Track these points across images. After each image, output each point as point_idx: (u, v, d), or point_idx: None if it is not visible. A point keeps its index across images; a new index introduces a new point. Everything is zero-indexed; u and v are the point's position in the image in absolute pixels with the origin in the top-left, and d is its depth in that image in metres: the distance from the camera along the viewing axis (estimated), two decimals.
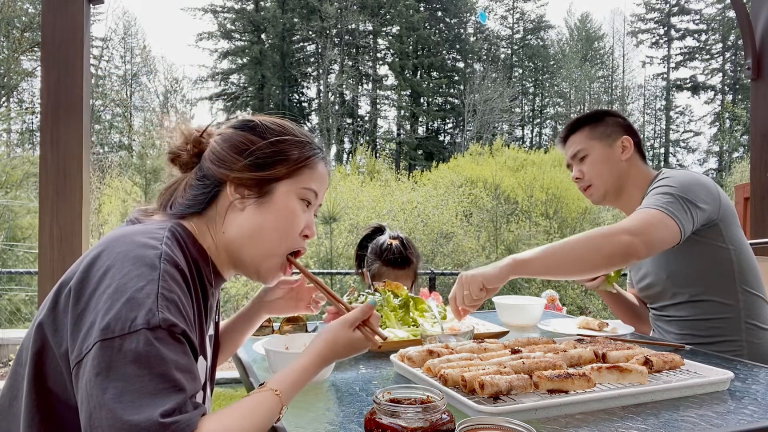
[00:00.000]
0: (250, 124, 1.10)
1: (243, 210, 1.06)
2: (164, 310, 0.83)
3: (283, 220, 1.07)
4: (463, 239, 9.80)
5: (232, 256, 1.09)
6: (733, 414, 1.00)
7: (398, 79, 37.88)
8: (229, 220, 1.06)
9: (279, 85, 36.43)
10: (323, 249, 8.40)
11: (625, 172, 1.81)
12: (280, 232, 1.07)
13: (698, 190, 1.60)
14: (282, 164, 1.07)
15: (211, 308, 1.10)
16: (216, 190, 1.07)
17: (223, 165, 1.06)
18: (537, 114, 42.20)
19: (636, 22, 40.98)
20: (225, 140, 1.08)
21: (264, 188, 1.06)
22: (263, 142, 1.07)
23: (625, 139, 1.81)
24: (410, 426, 0.75)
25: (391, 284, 1.78)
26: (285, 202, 1.07)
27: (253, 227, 1.06)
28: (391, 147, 37.53)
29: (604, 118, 1.86)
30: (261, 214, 1.06)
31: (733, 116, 26.22)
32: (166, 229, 0.98)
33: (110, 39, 33.56)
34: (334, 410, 1.05)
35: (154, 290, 0.84)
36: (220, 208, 1.07)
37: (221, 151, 1.07)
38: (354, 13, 36.12)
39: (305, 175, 1.09)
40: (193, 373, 0.84)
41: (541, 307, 1.85)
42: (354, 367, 1.33)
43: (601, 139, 1.82)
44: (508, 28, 42.35)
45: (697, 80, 38.65)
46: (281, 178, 1.07)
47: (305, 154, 1.10)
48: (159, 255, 0.89)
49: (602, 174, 1.82)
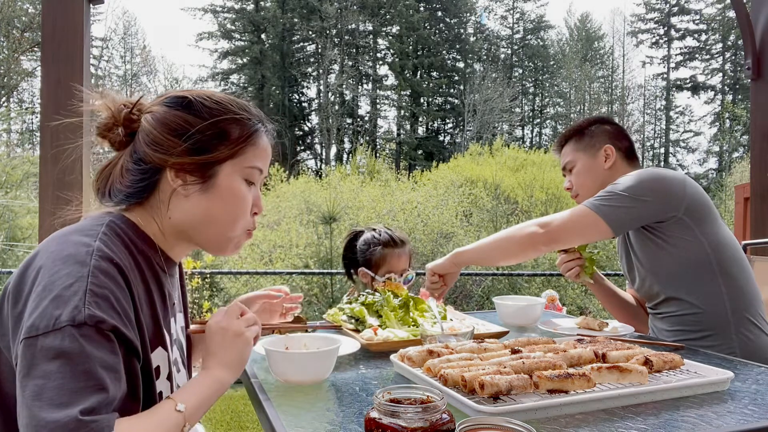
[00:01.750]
0: (184, 102, 1.02)
1: (187, 197, 1.01)
2: (92, 306, 0.80)
3: (232, 204, 1.04)
4: (463, 239, 9.79)
5: (184, 238, 1.06)
6: (733, 414, 1.00)
7: (398, 79, 37.87)
8: (173, 206, 1.02)
9: (279, 85, 36.42)
10: (323, 249, 8.40)
11: (608, 179, 1.86)
12: (231, 215, 1.04)
13: (645, 185, 1.67)
14: (223, 145, 1.01)
15: (170, 295, 1.07)
16: (155, 176, 1.01)
17: (160, 149, 0.99)
18: (537, 114, 42.19)
19: (636, 22, 40.97)
20: (159, 121, 1.01)
21: (207, 172, 1.01)
22: (202, 122, 1.00)
23: (607, 147, 1.89)
24: (410, 426, 0.75)
25: (391, 284, 1.78)
26: (230, 184, 1.03)
27: (202, 213, 1.02)
28: (391, 147, 37.53)
29: (590, 128, 1.95)
30: (207, 200, 1.02)
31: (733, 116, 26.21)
32: (103, 225, 0.95)
33: (110, 39, 33.57)
34: (334, 410, 1.05)
35: (83, 287, 0.81)
36: (163, 194, 1.02)
37: (157, 134, 1.00)
38: (354, 13, 36.11)
39: (248, 153, 1.05)
40: (119, 372, 0.81)
41: (541, 307, 1.85)
42: (354, 367, 1.33)
43: (585, 150, 1.93)
44: (508, 28, 42.35)
45: (697, 80, 38.64)
46: (224, 160, 1.02)
47: (246, 131, 1.04)
48: (90, 252, 0.86)
49: (586, 184, 1.92)
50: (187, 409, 0.88)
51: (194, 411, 0.90)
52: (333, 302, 7.14)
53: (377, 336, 1.49)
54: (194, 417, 0.90)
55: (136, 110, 1.03)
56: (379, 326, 1.57)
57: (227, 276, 7.82)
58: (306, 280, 7.86)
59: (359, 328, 1.59)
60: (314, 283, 7.86)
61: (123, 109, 1.03)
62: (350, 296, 1.82)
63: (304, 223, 9.26)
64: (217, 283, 7.64)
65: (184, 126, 1.00)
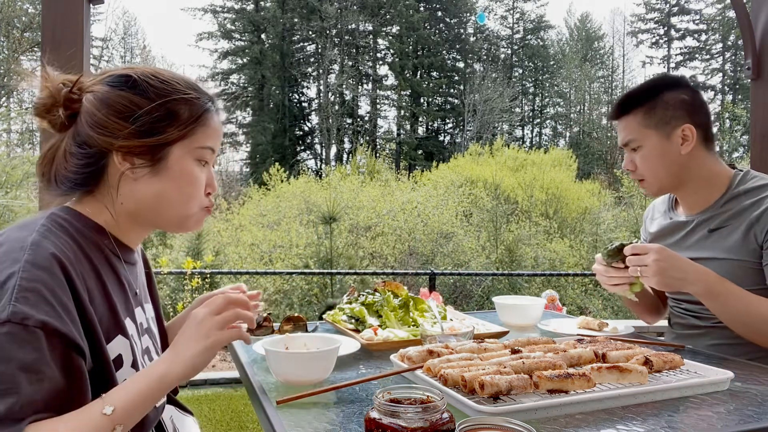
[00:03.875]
0: (129, 82, 0.97)
1: (137, 180, 0.98)
2: (19, 302, 0.77)
3: (185, 185, 1.01)
4: (463, 239, 9.80)
5: (139, 222, 1.03)
6: (733, 414, 1.00)
7: (398, 79, 37.87)
8: (123, 191, 0.98)
9: (279, 85, 36.42)
10: (323, 249, 8.40)
11: (684, 167, 1.57)
12: (184, 196, 1.02)
13: None
14: (173, 126, 0.98)
15: (130, 284, 1.05)
16: (102, 160, 0.97)
17: (105, 132, 0.95)
18: (537, 114, 42.19)
19: (636, 22, 40.99)
20: (103, 102, 0.96)
21: (156, 155, 0.98)
22: (149, 103, 0.96)
23: (687, 127, 1.53)
24: (410, 426, 0.75)
25: (391, 284, 1.78)
26: (181, 166, 1.00)
27: (153, 196, 0.99)
28: (391, 147, 37.53)
29: (663, 97, 1.55)
30: (158, 182, 0.99)
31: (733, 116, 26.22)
32: (45, 218, 0.92)
33: (110, 39, 33.59)
34: (334, 410, 1.05)
35: (13, 283, 0.79)
36: (112, 179, 0.98)
37: (101, 117, 0.95)
38: (354, 13, 36.11)
39: (199, 133, 1.01)
40: (41, 372, 0.77)
41: (541, 307, 1.85)
42: (354, 367, 1.33)
43: (657, 128, 1.55)
44: (508, 28, 42.35)
45: (697, 80, 38.60)
46: (173, 142, 0.98)
47: (196, 111, 1.01)
48: (24, 246, 0.84)
49: (656, 170, 1.58)
50: (117, 411, 0.82)
51: (128, 412, 0.84)
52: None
53: (377, 336, 1.49)
54: (130, 418, 0.85)
55: (77, 89, 0.98)
56: (379, 326, 1.57)
57: (227, 276, 7.82)
58: (306, 280, 7.86)
59: (359, 328, 1.59)
60: (314, 283, 7.86)
61: (62, 88, 0.97)
62: (350, 296, 1.81)
63: (304, 223, 9.26)
64: (217, 283, 7.63)
65: (130, 107, 0.96)
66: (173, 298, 6.77)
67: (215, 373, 4.76)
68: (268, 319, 1.66)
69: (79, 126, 0.97)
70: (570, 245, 10.32)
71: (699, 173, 1.58)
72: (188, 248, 8.04)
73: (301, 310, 7.58)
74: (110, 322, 0.94)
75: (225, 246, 9.01)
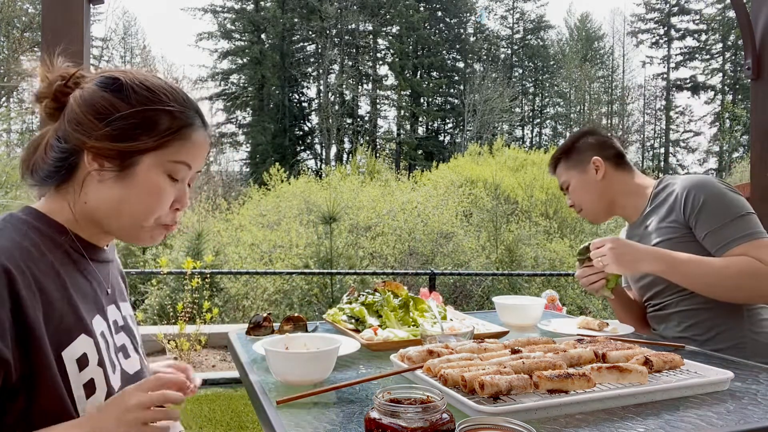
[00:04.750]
0: (114, 85, 0.97)
1: (102, 182, 0.97)
2: None
3: (147, 196, 0.99)
4: (463, 239, 9.80)
5: (97, 225, 1.02)
6: (733, 414, 1.00)
7: (398, 79, 37.89)
8: (87, 190, 0.98)
9: (279, 85, 36.43)
10: (323, 249, 8.40)
11: (606, 189, 1.91)
12: (145, 207, 1.00)
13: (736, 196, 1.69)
14: (147, 135, 0.96)
15: (100, 282, 1.05)
16: (73, 157, 0.97)
17: (79, 130, 0.95)
18: (537, 114, 42.22)
19: (636, 22, 41.01)
20: (85, 100, 0.96)
21: (125, 161, 0.96)
22: (128, 108, 0.95)
23: (595, 159, 1.91)
24: (410, 426, 0.75)
25: (391, 284, 1.78)
26: (148, 177, 0.98)
27: (113, 201, 0.98)
28: (391, 147, 37.54)
29: (576, 145, 1.98)
30: (122, 188, 0.98)
31: (733, 116, 26.22)
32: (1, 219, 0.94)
33: (110, 39, 33.60)
34: (334, 410, 1.05)
35: None
36: (78, 177, 0.98)
37: (79, 114, 0.95)
38: (354, 13, 36.13)
39: (174, 147, 0.99)
40: None
41: (541, 307, 1.85)
42: (354, 367, 1.33)
43: (576, 167, 1.96)
44: (508, 28, 42.37)
45: (697, 80, 38.67)
46: (145, 151, 0.97)
47: (176, 124, 0.99)
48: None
49: (585, 198, 1.95)
50: None
51: None
52: (333, 302, 7.14)
53: (377, 336, 1.49)
54: None
55: (72, 83, 0.98)
56: (379, 326, 1.57)
57: (227, 276, 7.82)
58: (306, 280, 7.87)
59: (359, 328, 1.59)
60: (314, 283, 7.86)
61: (58, 80, 0.98)
62: (350, 296, 1.81)
63: (304, 223, 9.26)
64: (217, 283, 7.64)
65: (108, 109, 0.95)
66: (173, 298, 6.77)
67: (215, 373, 4.76)
68: (268, 319, 1.67)
69: (62, 120, 0.98)
70: (570, 245, 10.31)
71: (621, 189, 1.92)
72: (188, 248, 8.04)
73: (301, 310, 7.58)
74: (72, 320, 0.93)
75: (225, 246, 9.01)
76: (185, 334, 4.99)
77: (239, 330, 1.70)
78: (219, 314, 6.52)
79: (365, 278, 7.76)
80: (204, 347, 5.27)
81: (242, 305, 7.78)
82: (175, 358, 4.93)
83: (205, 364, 5.06)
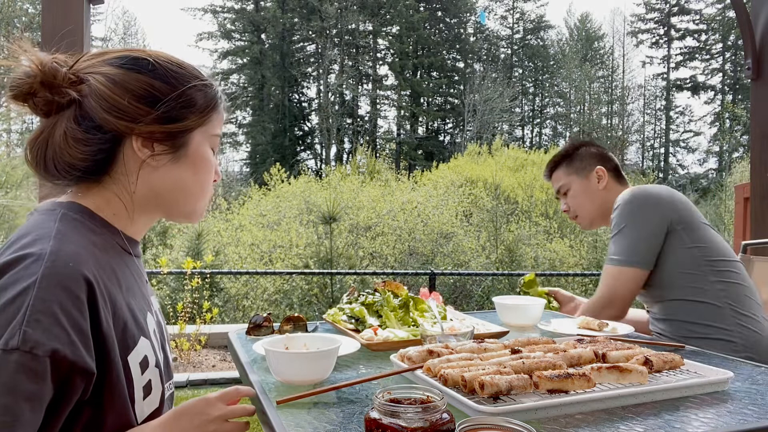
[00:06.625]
0: (147, 66, 0.93)
1: (157, 167, 0.95)
2: (31, 327, 0.73)
3: (205, 173, 1.01)
4: (463, 239, 9.80)
5: (149, 211, 1.00)
6: (733, 414, 1.00)
7: (398, 79, 37.91)
8: (140, 179, 0.95)
9: (279, 85, 36.44)
10: (323, 249, 8.40)
11: (605, 199, 1.98)
12: (201, 184, 1.01)
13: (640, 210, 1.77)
14: (193, 113, 0.96)
15: (143, 278, 1.04)
16: (115, 146, 0.92)
17: (124, 117, 0.90)
18: (537, 114, 42.21)
19: (636, 22, 41.00)
20: (119, 85, 0.91)
21: (178, 141, 0.95)
22: (171, 89, 0.94)
23: (599, 169, 1.98)
24: (410, 426, 0.75)
25: (391, 284, 1.78)
26: (200, 153, 0.99)
27: (172, 184, 0.97)
28: (391, 147, 37.54)
29: (578, 152, 2.04)
30: (180, 170, 0.97)
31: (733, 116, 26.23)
32: (56, 220, 0.86)
33: (110, 39, 33.56)
34: (334, 410, 1.05)
35: (26, 302, 0.74)
36: (127, 166, 0.94)
37: (118, 100, 0.90)
38: (354, 13, 36.14)
39: (213, 120, 1.00)
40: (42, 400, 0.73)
41: (541, 307, 1.85)
42: (354, 367, 1.33)
43: (577, 173, 2.01)
44: (508, 28, 42.38)
45: (697, 80, 38.66)
46: (194, 128, 0.97)
47: (209, 97, 1.00)
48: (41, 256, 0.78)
49: (584, 205, 2.01)
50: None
51: None
52: (333, 302, 7.15)
53: (377, 336, 1.49)
54: None
55: (81, 71, 0.92)
56: (379, 326, 1.57)
57: (227, 276, 7.83)
58: (306, 280, 7.87)
59: (359, 328, 1.59)
60: (314, 283, 7.86)
61: (59, 68, 0.90)
62: (350, 296, 1.81)
63: (304, 223, 9.27)
64: (217, 283, 7.64)
65: (150, 91, 0.92)
66: (173, 298, 6.78)
67: (215, 373, 4.75)
68: (268, 319, 1.67)
69: (85, 110, 0.90)
70: (570, 245, 10.32)
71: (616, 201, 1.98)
72: (188, 248, 8.05)
73: (301, 310, 7.58)
74: (134, 326, 0.91)
75: (225, 246, 9.01)
76: (185, 334, 5.00)
77: (239, 330, 1.70)
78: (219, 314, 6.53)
79: (365, 278, 7.77)
80: (204, 347, 5.28)
81: (242, 305, 7.78)
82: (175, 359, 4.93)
83: (205, 364, 5.05)
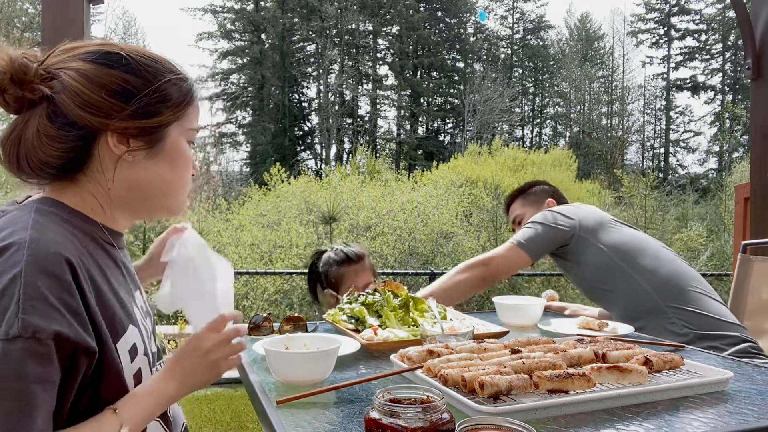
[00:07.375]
0: (120, 60, 0.92)
1: (133, 163, 0.94)
2: (27, 314, 0.73)
3: (183, 168, 0.99)
4: (463, 239, 9.80)
5: (126, 209, 0.99)
6: (733, 414, 1.00)
7: (398, 79, 37.89)
8: (117, 176, 0.94)
9: (279, 85, 36.43)
10: None
11: None
12: (180, 178, 1.00)
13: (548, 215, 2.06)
14: (168, 108, 0.95)
15: (128, 269, 1.03)
16: (89, 142, 0.91)
17: (99, 113, 0.89)
18: (537, 114, 42.20)
19: (636, 22, 40.97)
20: (92, 81, 0.89)
21: (154, 137, 0.94)
22: (145, 83, 0.92)
23: (550, 201, 2.29)
24: (410, 426, 0.75)
25: (391, 284, 1.77)
26: (177, 147, 0.98)
27: (150, 180, 0.96)
28: (391, 147, 37.53)
29: (533, 189, 2.36)
30: (157, 165, 0.96)
31: (733, 116, 26.23)
32: (31, 211, 0.86)
33: (110, 39, 33.54)
34: (334, 410, 1.05)
35: (16, 290, 0.74)
36: (103, 163, 0.92)
37: (92, 95, 0.88)
38: (354, 13, 36.13)
39: (189, 114, 0.99)
40: (53, 382, 0.75)
41: (541, 307, 1.85)
42: (354, 367, 1.33)
43: (532, 204, 2.31)
44: (508, 28, 42.36)
45: (697, 80, 38.64)
46: (170, 123, 0.96)
47: (184, 91, 0.98)
48: (21, 245, 0.78)
49: None
50: (132, 429, 0.84)
51: (138, 427, 0.87)
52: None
53: (377, 336, 1.49)
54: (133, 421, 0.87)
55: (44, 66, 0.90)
56: (379, 326, 1.57)
57: None
58: (306, 280, 7.86)
59: (359, 328, 1.59)
60: None
61: (29, 63, 0.88)
62: (350, 295, 1.81)
63: (304, 223, 9.27)
64: None
65: (124, 87, 0.91)
66: None
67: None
68: (268, 319, 1.67)
69: (58, 106, 0.88)
70: None
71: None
72: None
73: (301, 310, 7.58)
74: (122, 313, 0.92)
75: (225, 246, 9.01)
76: (185, 334, 5.00)
77: None
78: None
79: None
80: None
81: (242, 305, 7.78)
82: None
83: None
